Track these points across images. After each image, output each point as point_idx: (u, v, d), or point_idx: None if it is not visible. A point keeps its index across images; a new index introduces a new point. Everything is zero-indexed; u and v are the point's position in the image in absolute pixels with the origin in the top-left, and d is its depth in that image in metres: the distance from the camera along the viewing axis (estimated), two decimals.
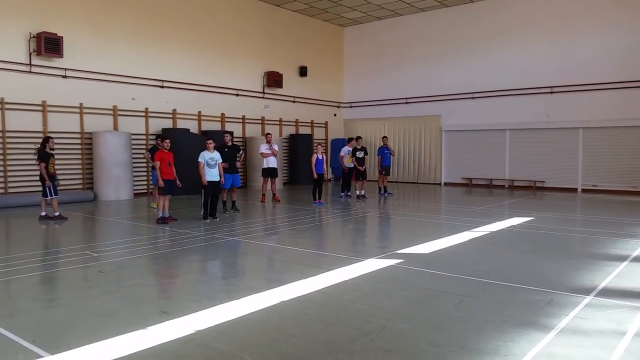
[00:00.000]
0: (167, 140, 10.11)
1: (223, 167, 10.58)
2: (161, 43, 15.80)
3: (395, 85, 21.01)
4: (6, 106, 12.58)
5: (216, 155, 10.34)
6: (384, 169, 15.64)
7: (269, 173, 13.49)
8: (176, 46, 16.20)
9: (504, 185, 18.41)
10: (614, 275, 5.87)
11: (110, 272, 6.18)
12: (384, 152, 15.71)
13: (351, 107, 22.75)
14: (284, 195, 15.58)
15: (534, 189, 17.50)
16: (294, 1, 18.92)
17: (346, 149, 14.96)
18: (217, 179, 10.28)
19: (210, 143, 10.34)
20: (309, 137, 20.42)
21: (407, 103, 20.82)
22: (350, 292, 5.32)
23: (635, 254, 7.09)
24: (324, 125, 22.01)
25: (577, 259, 6.97)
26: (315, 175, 12.97)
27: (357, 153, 14.68)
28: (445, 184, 19.88)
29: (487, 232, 9.01)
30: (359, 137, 15.34)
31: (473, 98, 19.10)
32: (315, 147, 13.70)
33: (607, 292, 5.20)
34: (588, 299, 4.97)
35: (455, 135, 19.72)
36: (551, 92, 17.38)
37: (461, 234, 8.65)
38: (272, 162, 13.48)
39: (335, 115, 22.62)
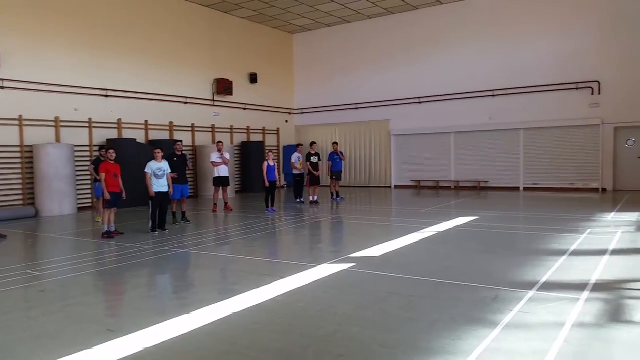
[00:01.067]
0: (112, 151, 9.80)
1: (172, 178, 10.36)
2: (104, 52, 15.33)
3: (345, 91, 21.28)
4: None
5: (164, 165, 10.09)
6: (335, 174, 15.79)
7: (221, 182, 13.33)
8: (120, 54, 15.76)
9: (450, 187, 18.98)
10: (554, 270, 6.17)
11: (53, 292, 5.92)
12: (334, 157, 15.86)
13: (302, 113, 22.84)
14: (237, 204, 15.43)
15: (479, 189, 18.13)
16: (242, 8, 18.83)
17: (296, 155, 15.02)
18: (165, 189, 10.02)
19: (158, 153, 10.07)
20: (261, 144, 20.33)
21: (357, 109, 21.12)
22: (303, 299, 5.34)
23: (573, 248, 7.47)
24: (275, 132, 21.97)
25: (520, 255, 7.27)
26: (267, 183, 12.93)
27: (312, 158, 14.79)
28: (396, 186, 20.27)
29: (435, 232, 9.26)
30: (313, 143, 15.47)
31: (420, 102, 19.61)
32: (266, 154, 13.67)
33: (548, 286, 5.46)
34: (531, 293, 5.19)
35: (404, 139, 20.17)
36: (493, 96, 18.10)
37: (411, 236, 8.84)
38: (223, 171, 13.32)
39: (287, 121, 22.64)
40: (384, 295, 5.36)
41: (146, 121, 16.53)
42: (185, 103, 17.89)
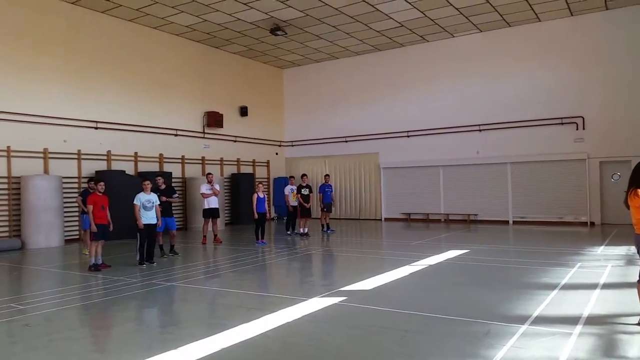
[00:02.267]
0: (102, 183, 9.76)
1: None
2: (94, 83, 15.42)
3: (334, 124, 21.52)
4: None
5: (153, 197, 10.05)
6: (326, 206, 15.80)
7: (210, 213, 13.25)
8: (111, 86, 15.86)
9: (440, 220, 19.03)
10: (546, 304, 6.16)
11: (38, 326, 5.77)
12: (325, 189, 15.91)
13: (292, 145, 22.99)
14: (226, 236, 15.30)
15: (468, 222, 18.20)
16: (233, 44, 19.16)
17: (289, 188, 15.08)
18: (153, 221, 9.96)
19: (147, 184, 10.05)
20: (251, 176, 20.35)
21: (346, 142, 21.31)
22: (294, 334, 5.25)
23: (563, 281, 7.48)
24: (265, 164, 22.03)
25: (512, 289, 7.25)
26: (255, 215, 12.87)
27: (303, 190, 14.82)
28: (386, 219, 20.28)
29: (426, 265, 9.23)
30: (304, 175, 15.54)
31: (408, 136, 19.86)
32: (256, 186, 13.67)
33: (540, 320, 5.44)
34: (523, 328, 5.16)
35: (393, 172, 20.31)
36: (480, 130, 18.40)
37: (401, 269, 8.80)
38: (213, 203, 13.26)
39: (277, 154, 22.74)
40: (376, 330, 5.29)
41: (136, 153, 16.51)
42: (176, 135, 17.94)
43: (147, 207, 9.85)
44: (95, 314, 6.58)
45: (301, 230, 14.55)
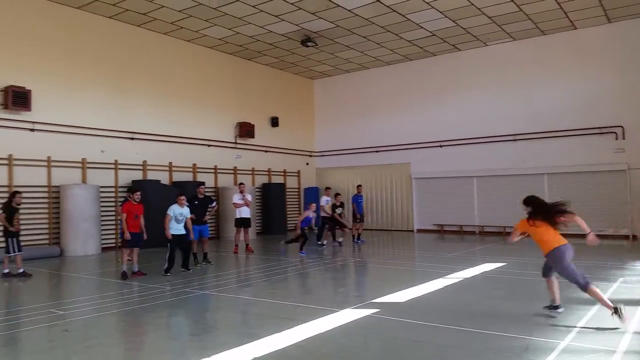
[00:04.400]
0: (138, 193, 9.98)
1: (191, 219, 10.48)
2: (131, 95, 15.85)
3: (365, 134, 21.47)
4: None
5: (185, 211, 10.24)
6: (359, 216, 15.81)
7: (242, 223, 13.37)
8: (147, 98, 16.28)
9: (474, 232, 18.67)
10: (587, 319, 5.94)
11: (76, 331, 5.91)
12: (358, 200, 15.93)
13: (323, 156, 23.03)
14: (257, 245, 15.39)
15: (504, 234, 17.77)
16: (264, 55, 19.42)
17: (325, 199, 15.23)
18: (182, 232, 10.14)
19: (182, 199, 10.23)
20: (282, 186, 20.48)
21: (377, 152, 21.22)
22: (326, 345, 5.22)
23: (605, 297, 7.19)
24: (296, 174, 22.14)
25: (549, 304, 7.01)
26: (298, 230, 13.08)
27: (337, 210, 15.12)
28: (418, 230, 20.03)
29: (461, 278, 9.04)
30: (337, 194, 15.70)
31: (440, 146, 19.63)
32: (309, 205, 13.90)
33: (581, 336, 5.25)
34: (563, 344, 4.99)
35: (425, 183, 20.08)
36: (514, 140, 18.03)
37: (436, 281, 8.66)
38: (245, 212, 13.38)
39: (307, 164, 22.82)
40: (410, 344, 5.20)
41: (170, 163, 16.85)
42: (209, 145, 18.23)
43: (179, 220, 10.04)
44: (130, 320, 6.70)
45: (340, 240, 14.89)
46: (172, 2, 14.25)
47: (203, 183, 13.55)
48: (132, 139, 15.81)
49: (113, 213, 14.34)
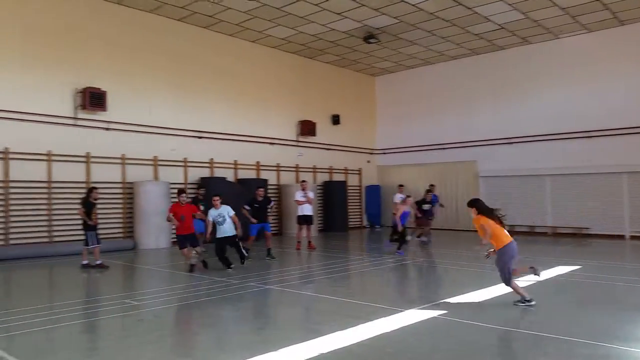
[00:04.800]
0: (184, 195, 10.09)
1: (252, 218, 10.67)
2: (200, 95, 16.40)
3: (428, 131, 21.00)
4: (53, 158, 13.15)
5: (224, 211, 9.92)
6: (430, 216, 15.46)
7: (304, 220, 13.47)
8: (214, 98, 16.79)
9: (546, 232, 17.77)
10: None
11: (149, 321, 6.16)
12: (435, 199, 15.66)
13: (384, 153, 22.78)
14: (319, 242, 15.44)
15: (579, 236, 16.80)
16: (326, 54, 19.48)
17: (399, 196, 15.03)
18: (227, 234, 9.89)
19: (216, 200, 9.96)
20: (343, 183, 20.47)
21: (441, 149, 20.70)
22: (392, 345, 5.12)
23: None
24: (357, 172, 22.05)
25: (632, 309, 6.54)
26: (399, 227, 12.67)
27: (424, 206, 14.75)
28: None
29: (534, 281, 8.61)
30: (428, 190, 15.36)
31: (510, 143, 18.84)
32: (404, 200, 13.59)
33: None
34: None
35: (493, 181, 19.34)
36: (589, 137, 16.98)
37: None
38: (307, 210, 13.46)
39: (368, 161, 22.67)
40: (482, 347, 5.00)
41: (235, 161, 17.29)
42: (272, 144, 18.54)
43: (219, 221, 9.83)
44: (198, 312, 6.89)
45: (418, 239, 14.71)
46: (237, 4, 14.59)
47: (262, 185, 13.76)
48: (200, 137, 16.34)
49: None
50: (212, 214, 9.89)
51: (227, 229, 9.86)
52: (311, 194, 13.73)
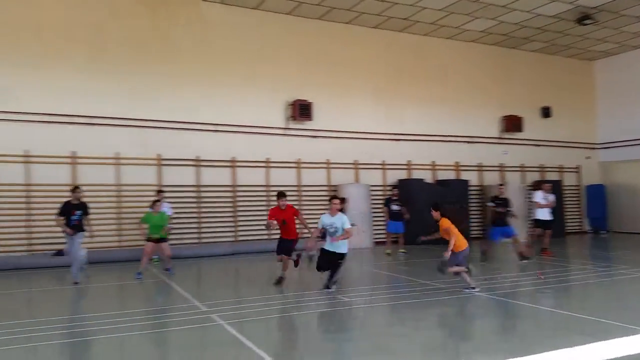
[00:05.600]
0: (284, 198, 8.61)
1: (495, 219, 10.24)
2: (397, 100, 16.55)
3: None
4: (271, 164, 14.68)
5: (338, 221, 7.93)
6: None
7: (543, 224, 12.07)
8: (411, 101, 16.75)
9: None
10: None
11: (360, 319, 6.32)
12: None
13: (608, 148, 19.77)
14: (534, 248, 13.77)
15: None
16: (531, 41, 17.82)
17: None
18: (333, 249, 7.92)
19: (335, 204, 8.10)
20: (558, 183, 18.33)
21: None
22: None
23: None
24: (574, 170, 19.61)
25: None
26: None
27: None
28: None
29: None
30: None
31: None
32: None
33: None
34: None
35: None
36: None
37: None
38: (547, 214, 12.05)
39: (588, 157, 19.97)
40: None
41: (433, 162, 16.96)
42: (471, 142, 17.67)
43: (330, 232, 7.97)
44: (409, 314, 6.79)
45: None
46: (433, 2, 14.30)
47: (502, 184, 13.05)
48: (397, 140, 16.46)
49: (381, 210, 15.14)
50: (324, 220, 8.04)
51: (339, 244, 7.90)
52: (552, 197, 12.32)
